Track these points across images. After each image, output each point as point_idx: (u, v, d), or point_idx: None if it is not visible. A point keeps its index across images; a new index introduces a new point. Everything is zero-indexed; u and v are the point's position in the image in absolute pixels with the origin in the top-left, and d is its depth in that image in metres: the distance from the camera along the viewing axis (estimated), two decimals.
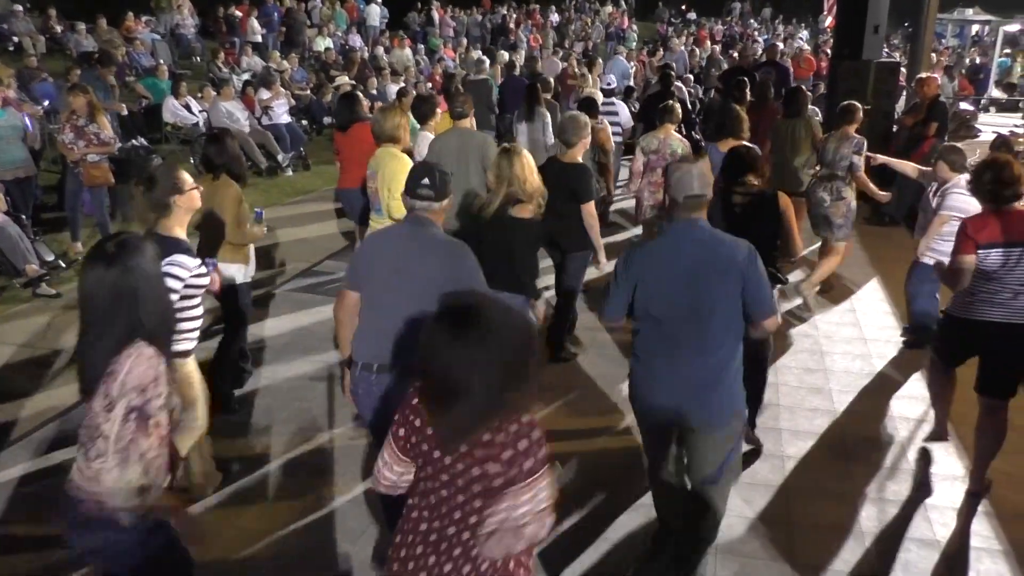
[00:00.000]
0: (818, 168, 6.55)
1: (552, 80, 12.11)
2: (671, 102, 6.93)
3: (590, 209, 5.01)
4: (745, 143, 4.83)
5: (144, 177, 3.43)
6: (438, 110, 7.08)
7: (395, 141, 5.15)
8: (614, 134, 8.27)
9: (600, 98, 8.60)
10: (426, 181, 3.07)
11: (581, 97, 8.40)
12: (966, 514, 3.87)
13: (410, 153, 5.50)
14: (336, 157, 6.86)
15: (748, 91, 8.51)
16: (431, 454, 2.02)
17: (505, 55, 15.89)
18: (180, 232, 3.41)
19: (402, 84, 14.27)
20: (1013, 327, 3.75)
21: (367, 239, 3.48)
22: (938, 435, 4.55)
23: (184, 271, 3.25)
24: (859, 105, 6.45)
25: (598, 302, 4.88)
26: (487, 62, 12.90)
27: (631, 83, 14.57)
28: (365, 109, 7.09)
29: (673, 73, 10.78)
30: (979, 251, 3.71)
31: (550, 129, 7.90)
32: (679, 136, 6.76)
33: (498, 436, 1.93)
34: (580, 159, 5.19)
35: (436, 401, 1.95)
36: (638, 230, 8.11)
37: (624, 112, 9.29)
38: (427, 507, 2.05)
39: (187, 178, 3.43)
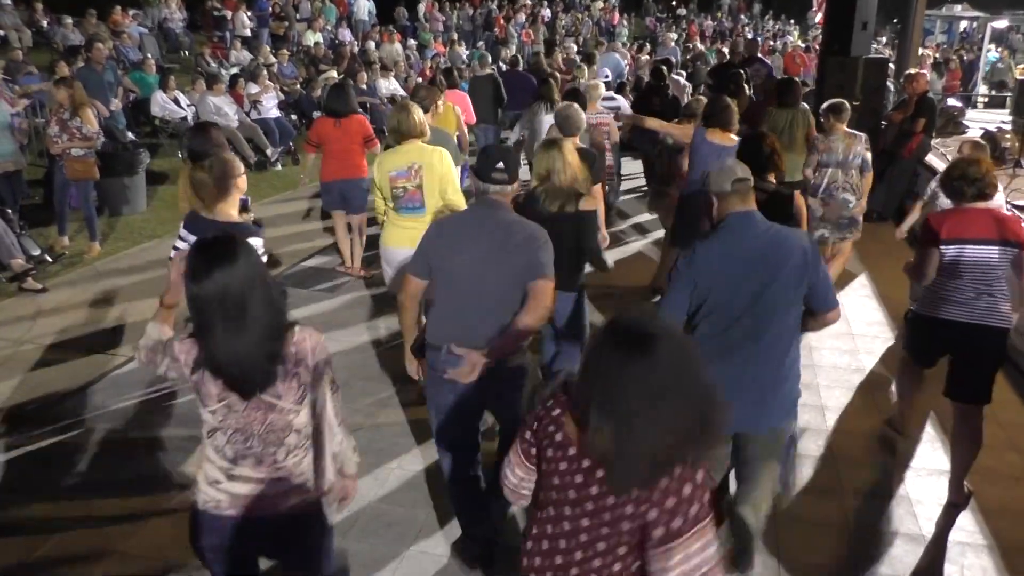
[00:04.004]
0: (813, 168, 6.21)
1: (558, 75, 12.02)
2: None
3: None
4: (764, 132, 4.64)
5: (207, 163, 3.57)
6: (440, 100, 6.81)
7: (424, 135, 4.82)
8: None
9: (602, 90, 8.46)
10: (500, 165, 3.03)
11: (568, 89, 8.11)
12: (950, 511, 3.89)
13: None
14: (316, 147, 6.80)
15: (744, 84, 8.37)
16: (574, 478, 1.79)
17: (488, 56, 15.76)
18: (235, 214, 3.53)
19: (392, 79, 14.23)
20: (975, 328, 3.70)
21: (440, 225, 3.18)
22: (895, 427, 4.57)
23: (259, 251, 3.27)
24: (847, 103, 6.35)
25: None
26: (489, 57, 12.79)
27: (624, 79, 14.56)
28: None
29: (665, 68, 10.72)
30: (941, 247, 3.72)
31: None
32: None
33: (662, 481, 1.69)
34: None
35: (608, 435, 1.64)
36: (645, 239, 8.14)
37: (623, 102, 9.25)
38: (562, 534, 1.83)
39: (239, 163, 3.57)
